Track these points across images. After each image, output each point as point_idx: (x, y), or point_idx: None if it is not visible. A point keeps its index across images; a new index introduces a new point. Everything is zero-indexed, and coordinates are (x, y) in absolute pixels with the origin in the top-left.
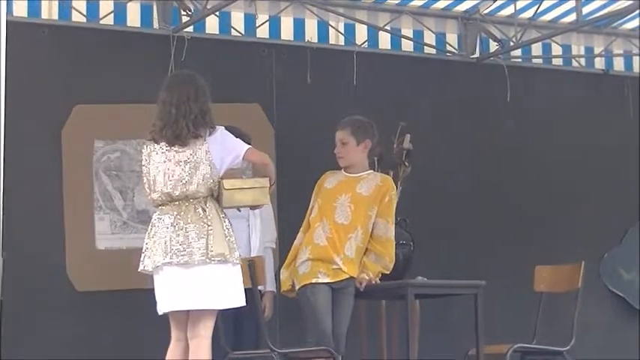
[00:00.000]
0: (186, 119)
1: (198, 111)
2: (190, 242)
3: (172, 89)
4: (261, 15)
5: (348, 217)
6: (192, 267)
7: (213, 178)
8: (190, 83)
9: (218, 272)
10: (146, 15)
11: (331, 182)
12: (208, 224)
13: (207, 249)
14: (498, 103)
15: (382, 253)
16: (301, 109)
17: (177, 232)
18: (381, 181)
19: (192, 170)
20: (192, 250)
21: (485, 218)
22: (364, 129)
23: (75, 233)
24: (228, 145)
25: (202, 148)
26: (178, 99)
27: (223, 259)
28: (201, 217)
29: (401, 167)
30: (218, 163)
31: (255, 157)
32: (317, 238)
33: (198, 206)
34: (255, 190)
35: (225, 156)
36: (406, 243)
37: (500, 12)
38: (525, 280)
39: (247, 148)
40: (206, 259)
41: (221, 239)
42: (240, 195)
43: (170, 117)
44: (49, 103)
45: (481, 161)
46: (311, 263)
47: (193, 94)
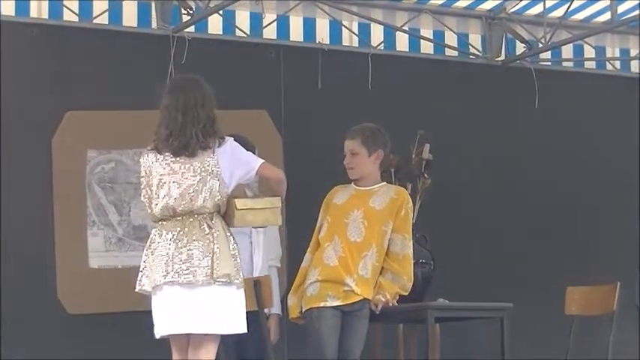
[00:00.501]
0: (194, 127)
1: (206, 118)
2: (194, 261)
3: (177, 93)
4: (269, 14)
5: (361, 234)
6: (195, 288)
7: (221, 193)
8: (196, 87)
9: (222, 294)
10: (144, 14)
11: (341, 198)
12: (214, 242)
13: (213, 269)
14: (526, 110)
15: (399, 271)
16: (311, 117)
17: (179, 250)
18: (396, 194)
19: (200, 184)
20: (196, 270)
21: (512, 234)
22: (376, 138)
23: (66, 251)
24: (240, 159)
25: (211, 160)
26: (185, 104)
27: (228, 280)
28: (207, 234)
29: (420, 179)
30: (227, 177)
31: (270, 173)
32: (327, 258)
33: (204, 222)
34: (266, 211)
35: (235, 170)
36: (426, 262)
37: (528, 11)
38: (555, 301)
39: (261, 163)
40: (210, 279)
41: (227, 259)
42: (251, 216)
43: (176, 124)
44: (38, 109)
45: (507, 173)
46: (320, 285)
47: (200, 100)
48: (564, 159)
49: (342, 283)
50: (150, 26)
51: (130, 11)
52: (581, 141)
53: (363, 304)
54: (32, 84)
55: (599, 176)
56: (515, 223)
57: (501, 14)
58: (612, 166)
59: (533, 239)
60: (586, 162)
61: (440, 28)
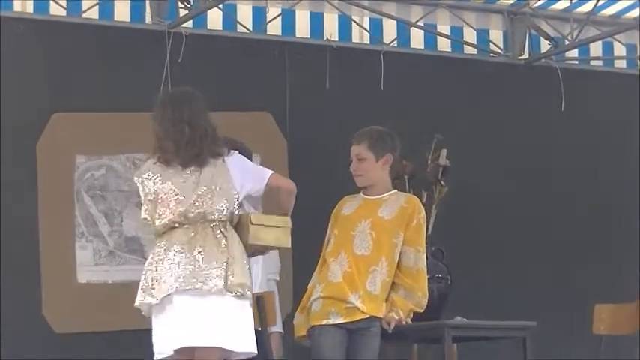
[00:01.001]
0: (205, 139)
1: (211, 130)
2: (206, 267)
3: (180, 105)
4: (273, 8)
5: (368, 246)
6: (206, 297)
7: (233, 202)
8: (198, 100)
9: (235, 307)
10: (137, 8)
11: (349, 208)
12: (228, 250)
13: (227, 277)
14: (551, 113)
15: (413, 287)
16: (319, 119)
17: (190, 257)
18: (406, 202)
19: (212, 190)
20: (208, 277)
21: (535, 248)
22: (383, 141)
23: (52, 265)
24: (249, 170)
25: (222, 170)
26: (190, 116)
27: (242, 292)
28: (219, 241)
29: (436, 187)
30: (239, 187)
31: (282, 183)
32: (332, 274)
33: (217, 230)
34: (278, 230)
35: (245, 182)
36: (442, 277)
37: (554, 5)
38: (581, 320)
39: (271, 173)
40: (224, 289)
41: (243, 268)
42: (263, 233)
43: (183, 136)
44: (22, 110)
45: (530, 181)
46: (322, 302)
47: (204, 112)
48: (592, 165)
49: (344, 300)
50: (144, 21)
51: (122, 5)
52: (611, 146)
53: (371, 322)
54: (15, 84)
55: (632, 186)
56: (540, 235)
57: (524, 9)
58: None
59: (559, 253)
60: (618, 169)
61: (458, 23)
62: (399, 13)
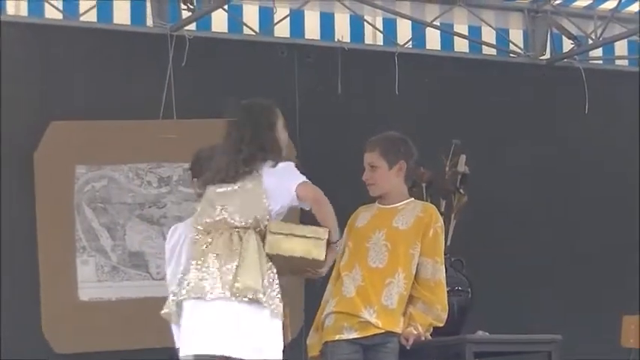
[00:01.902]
0: (239, 160)
1: (257, 148)
2: (214, 273)
3: (243, 126)
4: (280, 8)
5: (384, 258)
6: (211, 302)
7: (261, 210)
8: (257, 119)
9: (241, 312)
10: (138, 10)
11: (363, 219)
12: (240, 253)
13: (234, 281)
14: (575, 115)
15: (432, 300)
16: (330, 125)
17: (199, 261)
18: (422, 211)
19: (241, 199)
20: (215, 282)
21: (560, 257)
22: (397, 147)
23: (52, 281)
24: (284, 180)
25: (255, 180)
26: (236, 138)
27: (254, 297)
28: (235, 244)
29: (455, 195)
30: (272, 198)
31: (304, 193)
32: (345, 289)
33: (235, 234)
34: (308, 241)
35: (278, 193)
36: (462, 289)
37: (576, 2)
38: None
39: (298, 184)
40: (229, 293)
41: (254, 272)
42: (287, 243)
43: (222, 161)
44: (19, 119)
45: (554, 188)
46: (335, 317)
47: (251, 132)
48: (619, 170)
49: (357, 315)
50: (145, 24)
51: (121, 7)
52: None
53: (387, 338)
54: (11, 90)
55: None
56: (564, 244)
57: (546, 6)
58: None
59: (586, 262)
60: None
61: (476, 23)
62: (414, 13)
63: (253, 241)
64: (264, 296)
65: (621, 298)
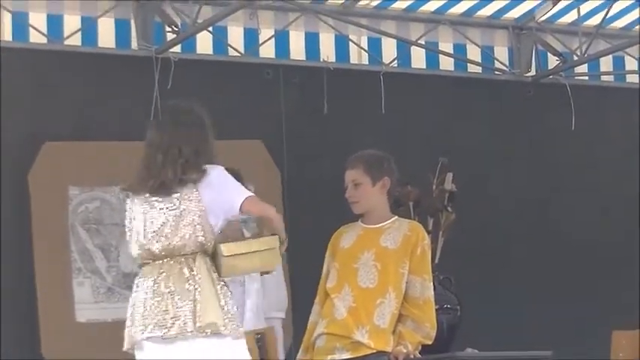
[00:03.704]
0: (173, 164)
1: (190, 153)
2: (172, 310)
3: (162, 129)
4: (265, 29)
5: (374, 278)
6: (175, 342)
7: (205, 231)
8: (185, 120)
9: (210, 348)
10: (122, 32)
11: (348, 239)
12: (195, 287)
13: (195, 319)
14: (561, 132)
15: (421, 318)
16: (316, 146)
17: (156, 299)
18: (410, 230)
19: (177, 221)
20: (175, 321)
21: (548, 274)
22: (380, 164)
23: (50, 303)
24: (223, 192)
25: (191, 195)
26: (169, 142)
27: (216, 330)
28: (187, 278)
29: (442, 214)
30: (212, 213)
31: (256, 210)
32: (336, 311)
33: (184, 265)
34: (263, 254)
35: (218, 207)
36: (451, 307)
37: (561, 19)
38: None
39: (245, 198)
40: (193, 331)
41: (213, 306)
42: (244, 262)
43: (156, 164)
44: (12, 140)
45: (541, 205)
46: (326, 337)
47: (186, 135)
48: (606, 185)
49: (349, 337)
50: (129, 46)
51: (106, 30)
52: (625, 167)
53: (378, 357)
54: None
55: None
56: (552, 261)
57: (530, 23)
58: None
59: (575, 279)
60: (632, 189)
61: (461, 40)
62: (399, 32)
63: (205, 270)
64: (224, 326)
65: (612, 314)
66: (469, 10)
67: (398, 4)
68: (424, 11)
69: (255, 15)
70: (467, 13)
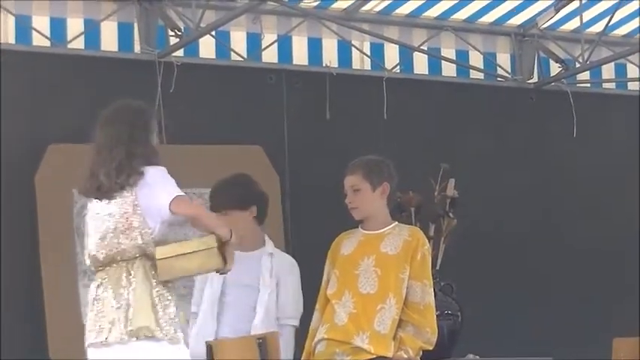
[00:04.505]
0: (106, 167)
1: (123, 155)
2: (108, 316)
3: (103, 129)
4: (268, 34)
5: (374, 284)
6: (113, 346)
7: (143, 234)
8: (123, 120)
9: (146, 352)
10: (125, 36)
11: (348, 246)
12: (129, 291)
13: (126, 323)
14: (563, 139)
15: (422, 323)
16: (319, 151)
17: (97, 306)
18: (410, 235)
19: (117, 226)
20: (111, 327)
21: (549, 280)
22: (379, 169)
23: (57, 306)
24: (153, 194)
25: (128, 199)
26: (102, 143)
27: (149, 334)
28: (123, 283)
29: (444, 219)
30: (149, 216)
31: (182, 210)
32: (337, 317)
33: (124, 271)
34: (200, 255)
35: (153, 209)
36: (452, 313)
37: (563, 26)
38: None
39: (173, 198)
40: (124, 335)
41: (146, 309)
42: (181, 262)
43: (94, 166)
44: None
45: (543, 211)
46: (326, 343)
47: (125, 135)
48: (610, 193)
49: (349, 342)
50: (132, 50)
51: (109, 33)
52: (628, 174)
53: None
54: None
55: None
56: (554, 267)
57: (533, 30)
58: None
59: (576, 285)
60: (633, 197)
61: (463, 47)
62: (401, 37)
63: (141, 274)
64: (159, 329)
65: (614, 320)
66: (472, 16)
67: (401, 10)
68: (427, 17)
69: (258, 20)
70: (469, 19)
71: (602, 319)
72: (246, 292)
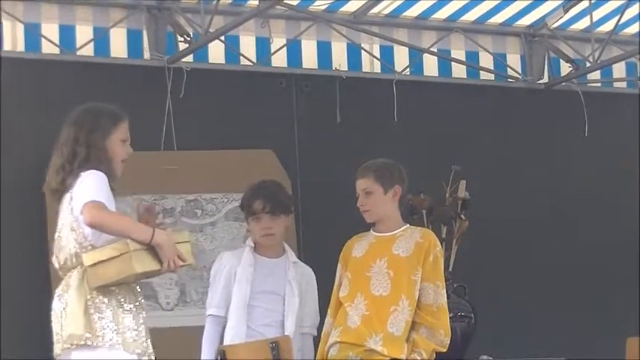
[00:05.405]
0: (54, 168)
1: (65, 158)
2: (54, 327)
3: (62, 130)
4: (277, 38)
5: (387, 286)
6: (61, 357)
7: (78, 241)
8: (73, 121)
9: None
10: (134, 42)
11: (360, 249)
12: (64, 300)
13: (61, 331)
14: (574, 139)
15: (435, 325)
16: (329, 154)
17: (52, 316)
18: (421, 237)
19: (61, 233)
20: (57, 338)
21: (562, 281)
22: (391, 172)
23: None
24: (76, 199)
25: (67, 205)
26: (57, 144)
27: (80, 342)
28: (62, 292)
29: (456, 221)
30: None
31: (85, 218)
32: (349, 320)
33: (66, 279)
34: (116, 262)
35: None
36: (465, 315)
37: (573, 25)
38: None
39: (84, 204)
40: (62, 345)
41: (77, 316)
42: (103, 269)
43: (54, 166)
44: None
45: (555, 211)
46: (339, 346)
47: (72, 135)
48: (622, 193)
49: (362, 345)
50: (142, 57)
51: (118, 40)
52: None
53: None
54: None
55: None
56: (567, 268)
57: (543, 30)
58: None
59: (589, 286)
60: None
61: (473, 48)
62: (411, 40)
63: (76, 281)
64: (92, 337)
65: (626, 321)
66: (481, 17)
67: (410, 13)
68: (436, 19)
69: (267, 24)
70: (479, 20)
71: (616, 319)
72: (270, 299)
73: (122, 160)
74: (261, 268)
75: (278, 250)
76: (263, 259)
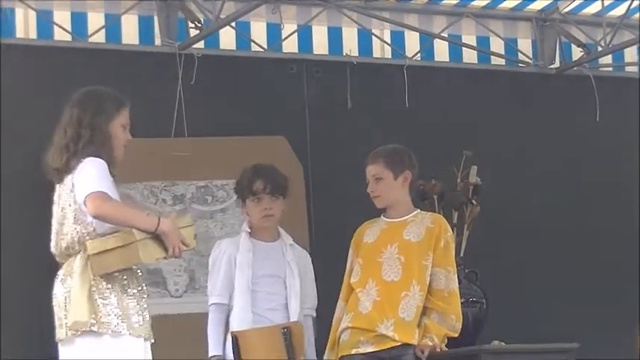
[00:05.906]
0: (57, 147)
1: (69, 139)
2: (58, 313)
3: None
4: (288, 24)
5: (398, 272)
6: (65, 344)
7: (81, 227)
8: (76, 102)
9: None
10: (145, 29)
11: (371, 235)
12: (68, 287)
13: (65, 319)
14: (586, 124)
15: (446, 310)
16: (340, 140)
17: (53, 300)
18: (432, 222)
19: (62, 217)
20: (60, 324)
21: (575, 267)
22: (401, 158)
23: None
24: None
25: (68, 187)
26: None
27: (85, 329)
28: (64, 278)
29: (467, 207)
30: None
31: (89, 209)
32: (361, 305)
33: (68, 265)
34: (120, 251)
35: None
36: (477, 300)
37: (585, 10)
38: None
39: (87, 195)
40: (67, 333)
41: (81, 304)
42: (107, 258)
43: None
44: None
45: (567, 198)
46: (350, 332)
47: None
48: (633, 179)
49: (374, 330)
50: (153, 43)
51: (129, 26)
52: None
53: (404, 350)
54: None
55: None
56: (578, 253)
57: (554, 15)
58: None
59: (602, 271)
60: None
61: (484, 33)
62: (422, 25)
63: (79, 267)
64: (97, 323)
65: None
66: (492, 2)
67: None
68: (447, 4)
69: (277, 10)
70: (490, 5)
71: (628, 305)
72: (271, 282)
73: (123, 146)
74: (259, 252)
75: (274, 234)
76: (260, 244)
